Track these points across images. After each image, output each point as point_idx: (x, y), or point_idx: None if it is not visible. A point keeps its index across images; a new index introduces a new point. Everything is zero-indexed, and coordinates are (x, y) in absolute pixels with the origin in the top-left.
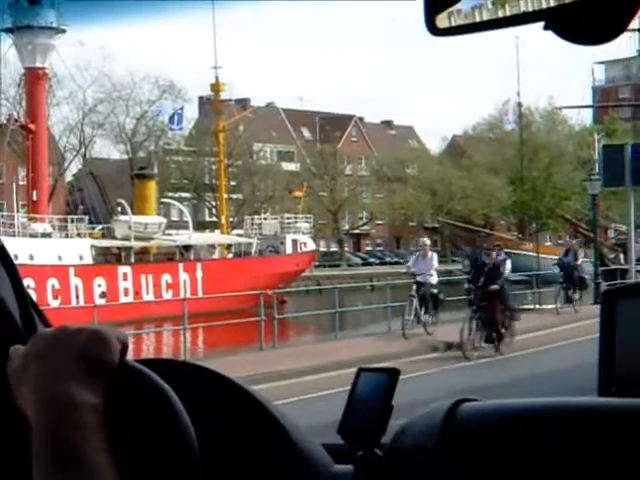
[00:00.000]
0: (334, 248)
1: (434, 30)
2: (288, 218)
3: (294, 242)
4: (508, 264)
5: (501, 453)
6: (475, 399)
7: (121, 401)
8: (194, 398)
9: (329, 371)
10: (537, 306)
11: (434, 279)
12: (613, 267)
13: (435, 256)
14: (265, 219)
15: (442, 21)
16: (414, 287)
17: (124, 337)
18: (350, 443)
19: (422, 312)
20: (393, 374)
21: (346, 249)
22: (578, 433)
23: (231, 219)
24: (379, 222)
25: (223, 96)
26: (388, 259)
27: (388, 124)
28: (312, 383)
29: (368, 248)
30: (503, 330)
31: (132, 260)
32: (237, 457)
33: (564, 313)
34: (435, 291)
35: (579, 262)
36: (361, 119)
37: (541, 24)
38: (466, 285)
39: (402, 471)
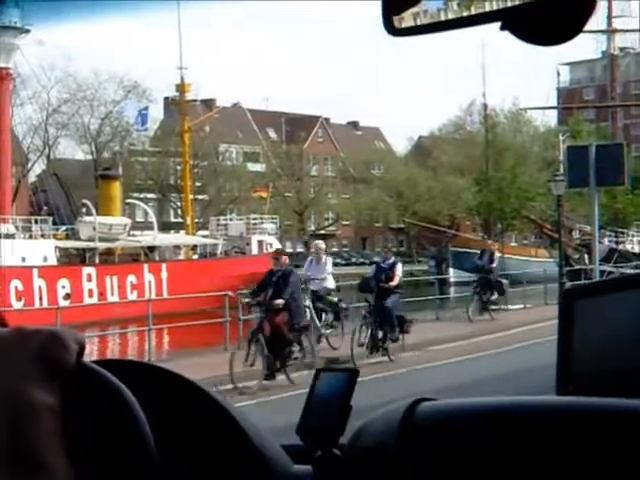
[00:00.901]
0: (300, 249)
1: (392, 30)
2: (254, 219)
3: (260, 243)
4: (399, 268)
5: (459, 452)
6: (434, 398)
7: (78, 402)
8: (153, 399)
9: (294, 372)
10: (502, 306)
11: (330, 284)
12: (578, 267)
13: (330, 260)
14: (231, 220)
15: (400, 21)
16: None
17: (81, 338)
18: (309, 443)
19: (320, 324)
20: (352, 374)
21: (312, 249)
22: (536, 431)
23: (196, 220)
24: (345, 223)
25: (188, 97)
26: (354, 260)
27: (354, 125)
28: (277, 383)
29: (334, 249)
30: (388, 342)
31: (97, 261)
32: (195, 458)
33: (479, 322)
34: (335, 299)
35: (495, 265)
36: (327, 120)
37: (499, 24)
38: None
39: (360, 471)
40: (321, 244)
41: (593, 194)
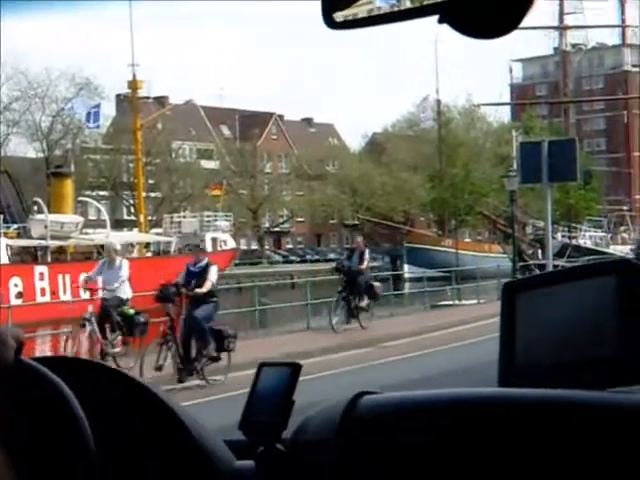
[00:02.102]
0: (254, 246)
1: (332, 24)
2: (208, 216)
3: (214, 240)
4: (212, 272)
5: (400, 445)
6: (375, 392)
7: (15, 398)
8: (92, 395)
9: (247, 369)
10: (456, 302)
11: (125, 292)
12: (531, 262)
13: (126, 264)
14: (184, 217)
15: (339, 15)
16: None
17: (20, 335)
18: (251, 438)
19: (107, 340)
20: (295, 368)
21: (266, 247)
22: (477, 423)
23: (150, 217)
24: (299, 220)
25: (141, 94)
26: (309, 257)
27: (308, 122)
28: (229, 380)
29: (289, 246)
30: (204, 361)
31: (49, 259)
32: (136, 454)
33: (348, 331)
34: (131, 311)
35: (365, 265)
36: (281, 117)
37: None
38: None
39: (303, 465)
40: (114, 244)
41: (546, 190)
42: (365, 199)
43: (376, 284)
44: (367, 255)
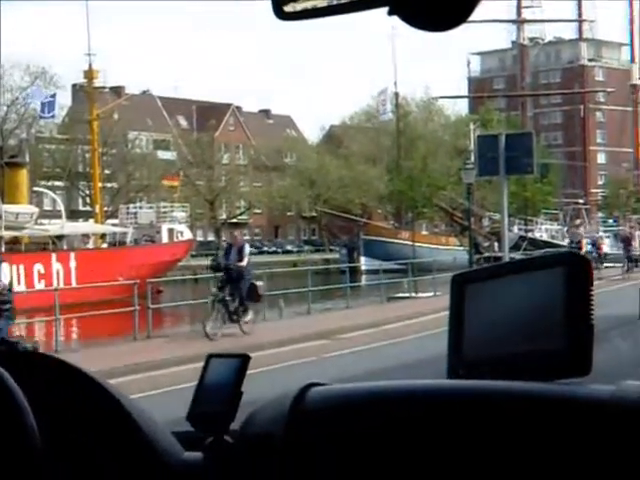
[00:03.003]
0: (211, 237)
1: (281, 14)
2: (164, 207)
3: (170, 231)
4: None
5: (349, 436)
6: (325, 383)
7: None
8: (38, 388)
9: (202, 361)
10: (413, 294)
11: None
12: (487, 255)
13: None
14: (140, 208)
15: (289, 6)
16: None
17: None
18: (199, 430)
19: None
20: (243, 360)
21: (223, 238)
22: (425, 414)
23: (106, 208)
24: (257, 211)
25: (97, 83)
26: (266, 248)
27: (266, 113)
28: (186, 373)
29: (246, 237)
30: None
31: (3, 250)
32: (83, 447)
33: (226, 338)
34: None
35: (245, 262)
36: (238, 108)
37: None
38: None
39: (251, 457)
40: None
41: (502, 182)
42: (323, 191)
43: (259, 284)
44: (247, 250)
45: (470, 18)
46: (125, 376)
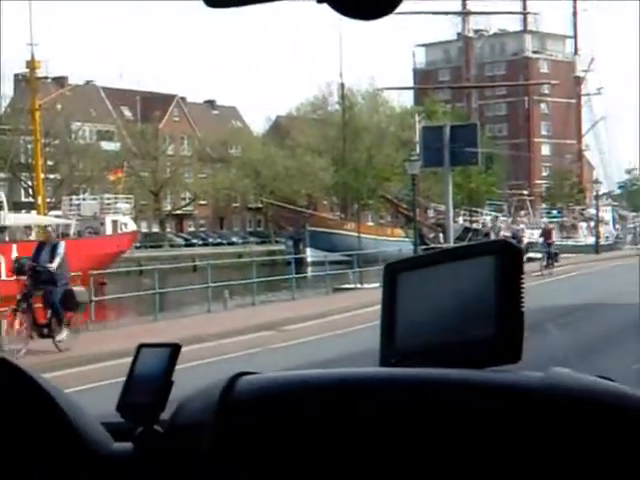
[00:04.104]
0: (156, 229)
1: (211, 2)
2: (108, 199)
3: (114, 223)
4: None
5: (279, 426)
6: (254, 372)
7: None
8: None
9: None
10: (358, 285)
11: None
12: (432, 246)
13: None
14: (84, 200)
15: None
16: None
17: None
18: (129, 420)
19: None
20: (174, 349)
21: (168, 230)
22: (355, 402)
23: (48, 200)
24: (202, 202)
25: (39, 74)
26: (211, 240)
27: (211, 104)
28: (127, 366)
29: (191, 229)
30: None
31: None
32: (10, 437)
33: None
34: None
35: (55, 264)
36: (183, 99)
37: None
38: None
39: (180, 447)
40: None
41: (447, 174)
42: (268, 182)
43: (77, 289)
44: (61, 250)
45: (415, 9)
46: (66, 369)
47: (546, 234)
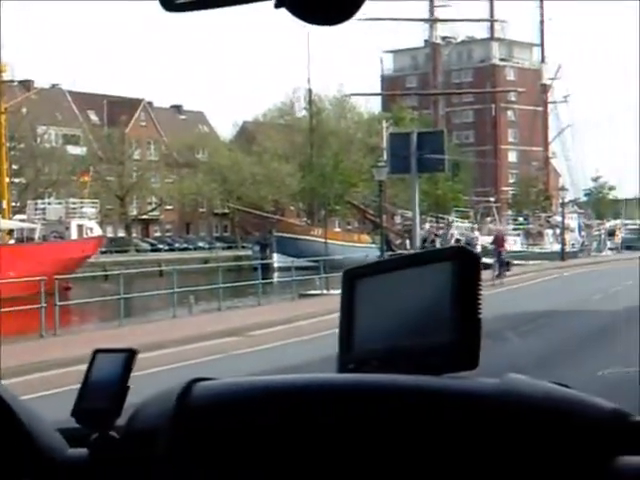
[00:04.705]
0: (122, 234)
1: (168, 6)
2: (73, 203)
3: (80, 227)
4: None
5: (234, 431)
6: (211, 378)
7: None
8: None
9: None
10: (325, 291)
11: None
12: (399, 252)
13: None
14: (49, 204)
15: None
16: None
17: None
18: (84, 426)
19: None
20: (130, 354)
21: (134, 235)
22: (311, 408)
23: (13, 204)
24: (168, 207)
25: (5, 77)
26: (177, 245)
27: (178, 109)
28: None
29: (157, 234)
30: None
31: None
32: None
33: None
34: None
35: None
36: (150, 103)
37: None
38: None
39: (136, 453)
40: None
41: (414, 180)
42: (235, 188)
43: None
44: None
45: (383, 16)
46: (29, 374)
47: (497, 241)
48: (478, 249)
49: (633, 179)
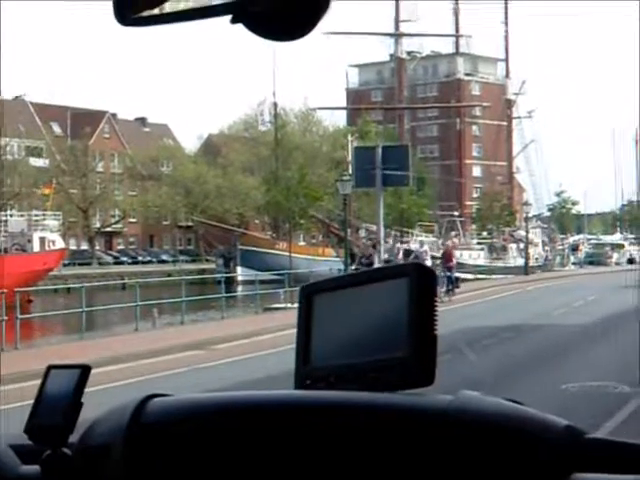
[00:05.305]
0: (85, 246)
1: (124, 20)
2: (36, 215)
3: (42, 240)
4: None
5: (189, 448)
6: (166, 394)
7: None
8: None
9: None
10: (289, 305)
11: None
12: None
13: None
14: (11, 216)
15: (131, 11)
16: None
17: None
18: (37, 442)
19: None
20: (84, 370)
21: (97, 247)
22: (267, 425)
23: None
24: (132, 220)
25: None
26: (141, 258)
27: (142, 121)
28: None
29: (120, 247)
30: None
31: None
32: None
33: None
34: None
35: None
36: (114, 115)
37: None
38: None
39: (88, 470)
40: None
41: (378, 194)
42: (200, 201)
43: None
44: None
45: (348, 30)
46: None
47: (446, 256)
48: (428, 263)
49: (596, 194)
